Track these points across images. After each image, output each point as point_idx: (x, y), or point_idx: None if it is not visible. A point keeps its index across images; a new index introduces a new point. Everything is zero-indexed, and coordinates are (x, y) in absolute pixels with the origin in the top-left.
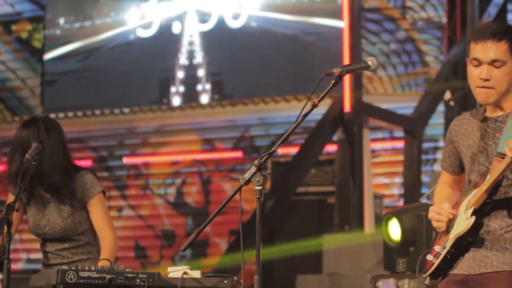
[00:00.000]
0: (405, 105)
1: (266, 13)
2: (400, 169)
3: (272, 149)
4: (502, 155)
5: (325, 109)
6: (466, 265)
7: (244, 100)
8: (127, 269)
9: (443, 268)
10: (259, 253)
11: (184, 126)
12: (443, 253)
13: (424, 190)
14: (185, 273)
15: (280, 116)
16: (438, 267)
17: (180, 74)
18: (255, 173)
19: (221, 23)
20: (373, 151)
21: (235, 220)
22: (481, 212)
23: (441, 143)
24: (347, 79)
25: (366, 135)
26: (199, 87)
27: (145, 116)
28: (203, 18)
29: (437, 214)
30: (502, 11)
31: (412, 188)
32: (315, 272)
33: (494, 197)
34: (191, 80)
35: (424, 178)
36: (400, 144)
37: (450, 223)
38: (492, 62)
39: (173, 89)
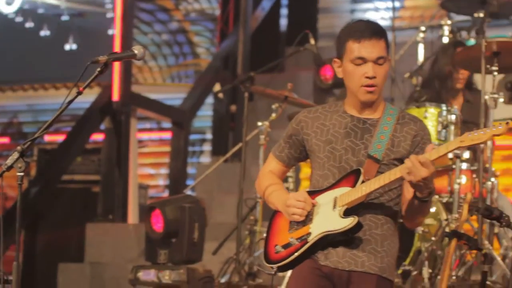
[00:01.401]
0: (175, 96)
1: None
2: (166, 160)
3: (35, 135)
4: (376, 159)
5: (95, 97)
6: (334, 260)
7: (13, 86)
8: None
9: (297, 261)
10: (19, 240)
11: None
12: (304, 247)
13: (189, 182)
14: None
15: (49, 103)
16: (294, 260)
17: None
18: (17, 159)
19: None
20: (140, 141)
21: None
22: (352, 212)
23: (208, 135)
24: (116, 68)
25: (134, 125)
26: None
27: None
28: None
29: (302, 202)
30: (276, 5)
31: (178, 179)
32: (77, 261)
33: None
34: None
35: (190, 170)
36: (167, 135)
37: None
38: (377, 60)
39: None
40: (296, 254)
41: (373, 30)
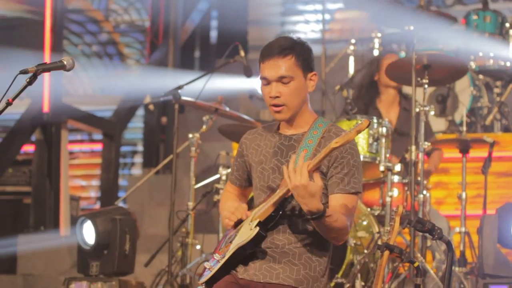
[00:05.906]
0: (105, 108)
1: None
2: (97, 171)
3: None
4: None
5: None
6: (251, 272)
7: None
8: None
9: (220, 276)
10: None
11: None
12: (222, 261)
13: (121, 194)
14: None
15: None
16: (214, 275)
17: None
18: None
19: None
20: (71, 153)
21: None
22: (266, 225)
23: (139, 147)
24: (46, 79)
25: (65, 136)
26: None
27: None
28: None
29: (231, 213)
30: (206, 17)
31: (109, 191)
32: (9, 273)
33: (280, 212)
34: None
35: (121, 182)
36: (98, 146)
37: (237, 227)
38: (280, 79)
39: None
40: (215, 269)
41: (276, 49)
